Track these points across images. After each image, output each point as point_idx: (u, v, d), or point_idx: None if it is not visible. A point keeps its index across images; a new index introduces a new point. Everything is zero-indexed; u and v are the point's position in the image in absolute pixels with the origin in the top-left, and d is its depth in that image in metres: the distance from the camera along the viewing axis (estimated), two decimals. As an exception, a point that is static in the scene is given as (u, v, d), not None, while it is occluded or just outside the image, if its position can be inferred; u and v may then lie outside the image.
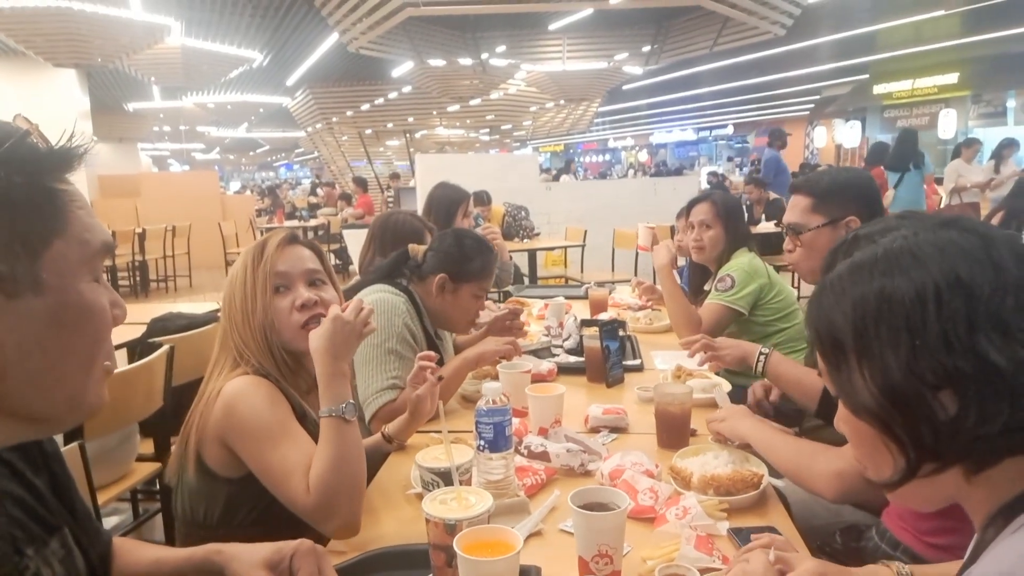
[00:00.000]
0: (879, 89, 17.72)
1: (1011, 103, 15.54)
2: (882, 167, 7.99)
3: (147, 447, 2.65)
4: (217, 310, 3.15)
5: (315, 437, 1.33)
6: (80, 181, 0.74)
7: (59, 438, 1.96)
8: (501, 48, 11.85)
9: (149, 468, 2.56)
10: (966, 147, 8.79)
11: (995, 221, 5.16)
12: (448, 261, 2.11)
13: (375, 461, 1.45)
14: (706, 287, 2.86)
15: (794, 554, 1.05)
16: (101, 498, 2.22)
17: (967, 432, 0.65)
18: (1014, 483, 0.67)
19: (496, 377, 2.03)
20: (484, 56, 11.87)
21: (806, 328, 0.80)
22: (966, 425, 0.65)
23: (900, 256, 0.70)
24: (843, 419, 0.77)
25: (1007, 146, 8.65)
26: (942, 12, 10.85)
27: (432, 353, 1.61)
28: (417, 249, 2.18)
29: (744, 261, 2.70)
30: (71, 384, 0.69)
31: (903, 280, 0.68)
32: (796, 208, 1.90)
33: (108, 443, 2.35)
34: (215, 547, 0.95)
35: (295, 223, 11.01)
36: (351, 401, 1.28)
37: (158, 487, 2.78)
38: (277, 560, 0.90)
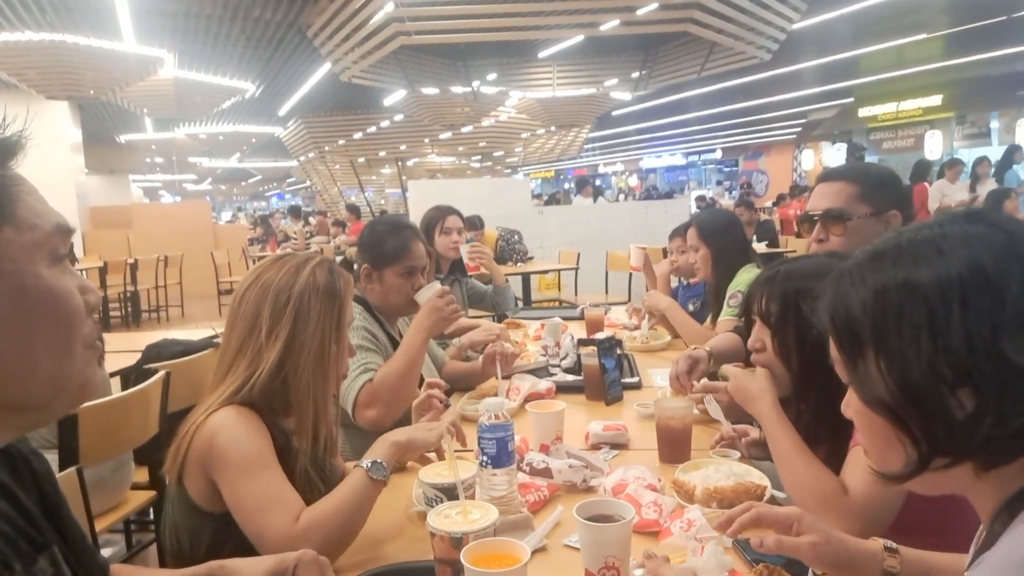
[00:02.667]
0: (864, 112, 17.98)
1: (995, 124, 15.81)
2: (925, 183, 8.18)
3: (141, 475, 2.61)
4: (214, 336, 3.14)
5: (294, 472, 1.33)
6: (71, 213, 0.75)
7: (54, 462, 1.94)
8: (492, 76, 11.99)
9: (144, 496, 2.52)
10: (949, 168, 8.96)
11: None
12: (366, 251, 2.20)
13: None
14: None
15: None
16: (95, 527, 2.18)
17: (983, 432, 0.65)
18: (1021, 477, 0.66)
19: (495, 394, 2.03)
20: (475, 84, 12.01)
21: (821, 315, 0.78)
22: (983, 425, 0.64)
23: (924, 247, 0.69)
24: (854, 408, 0.76)
25: (980, 163, 8.82)
26: (924, 36, 11.07)
27: (440, 381, 1.61)
28: (352, 253, 2.23)
29: (750, 277, 2.72)
30: (47, 369, 0.69)
31: (927, 273, 0.67)
32: (839, 195, 1.79)
33: (102, 471, 2.32)
34: (217, 563, 0.94)
35: (269, 257, 10.99)
36: (383, 464, 1.30)
37: (152, 517, 2.74)
38: (280, 571, 0.89)
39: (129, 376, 2.83)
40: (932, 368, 0.65)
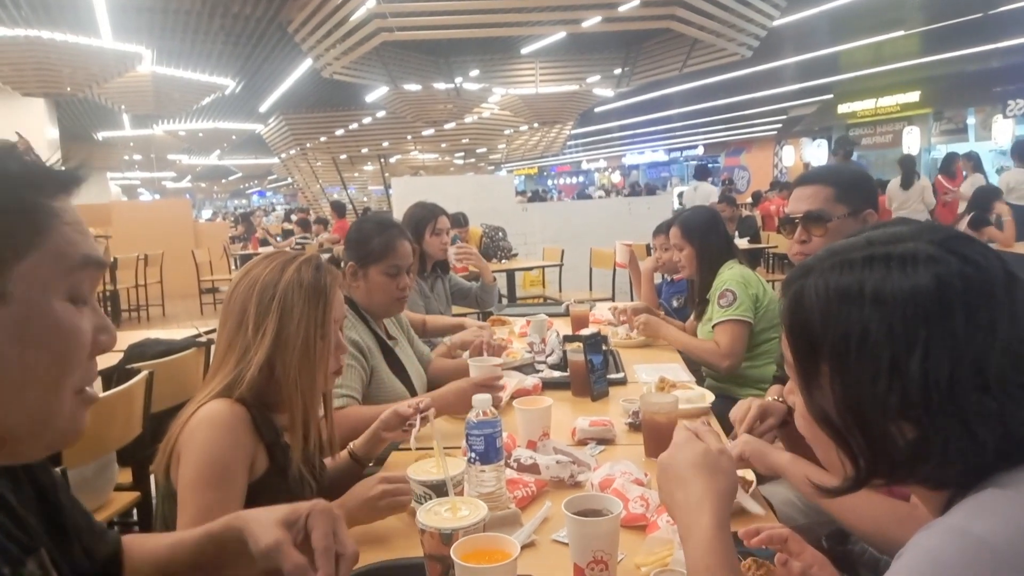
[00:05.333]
0: (843, 108, 18.18)
1: (971, 120, 16.03)
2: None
3: (125, 476, 2.59)
4: (197, 336, 3.12)
5: (287, 469, 1.34)
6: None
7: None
8: (474, 72, 11.98)
9: (128, 498, 2.50)
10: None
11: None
12: (352, 249, 2.20)
13: (346, 482, 1.43)
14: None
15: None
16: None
17: (924, 472, 0.67)
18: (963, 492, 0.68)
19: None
20: (458, 80, 11.99)
21: (782, 315, 0.78)
22: (926, 466, 0.67)
23: (895, 271, 0.68)
24: (803, 417, 0.77)
25: (954, 161, 8.90)
26: (901, 33, 11.21)
27: (414, 404, 1.61)
28: (339, 251, 2.22)
29: (735, 273, 2.75)
30: (32, 404, 0.67)
31: (895, 302, 0.67)
32: (816, 197, 1.84)
33: (85, 472, 2.30)
34: (234, 515, 0.95)
35: (270, 249, 10.93)
36: None
37: (136, 518, 2.72)
38: (293, 519, 0.90)
39: (111, 376, 2.80)
40: (884, 401, 0.67)
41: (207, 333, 3.39)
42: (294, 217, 16.74)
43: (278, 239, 12.90)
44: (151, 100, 11.10)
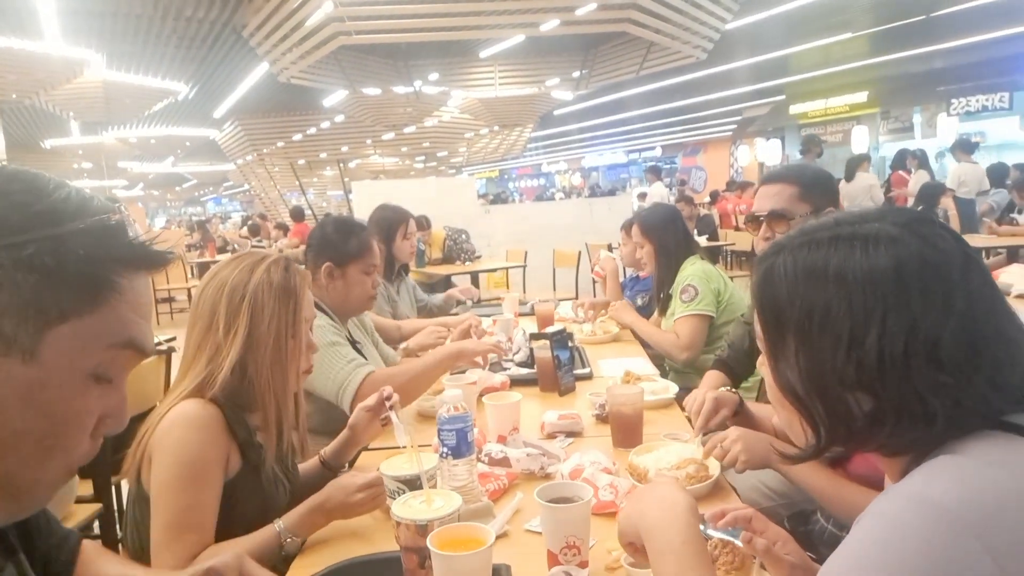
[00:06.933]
0: (795, 109, 18.64)
1: (917, 118, 16.58)
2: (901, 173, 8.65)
3: (85, 488, 2.54)
4: (158, 343, 3.06)
5: (260, 468, 1.35)
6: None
7: None
8: (434, 76, 11.96)
9: (89, 510, 2.45)
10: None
11: None
12: (327, 249, 2.20)
13: (316, 487, 1.43)
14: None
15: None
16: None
17: (879, 439, 0.71)
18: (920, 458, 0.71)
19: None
20: (417, 84, 11.95)
21: (751, 293, 0.82)
22: (880, 434, 0.71)
23: (858, 250, 0.72)
24: (770, 387, 0.82)
25: (906, 157, 9.23)
26: (849, 35, 11.54)
27: (375, 396, 1.62)
28: (297, 255, 2.22)
29: (697, 268, 2.82)
30: (10, 464, 0.63)
31: (855, 278, 0.71)
32: (780, 196, 1.90)
33: (45, 484, 2.24)
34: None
35: (227, 256, 10.74)
36: (298, 540, 1.31)
37: (98, 531, 2.66)
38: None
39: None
40: (842, 373, 0.71)
41: (167, 341, 3.34)
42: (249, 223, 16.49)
43: (235, 247, 12.70)
44: (101, 106, 10.80)
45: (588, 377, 2.39)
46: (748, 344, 2.24)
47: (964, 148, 8.52)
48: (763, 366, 0.83)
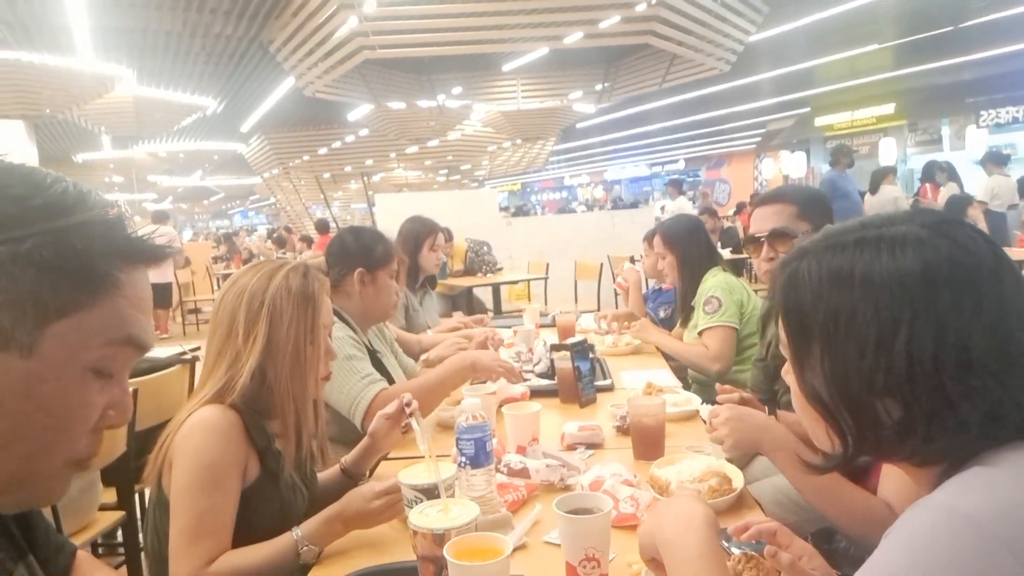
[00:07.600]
0: (820, 121, 18.47)
1: (945, 130, 16.34)
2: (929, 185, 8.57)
3: (109, 496, 2.56)
4: (182, 353, 3.09)
5: (279, 475, 1.34)
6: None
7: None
8: (457, 89, 12.05)
9: (112, 517, 2.47)
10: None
11: None
12: (358, 256, 2.22)
13: (336, 496, 1.43)
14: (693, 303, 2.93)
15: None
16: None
17: (909, 448, 0.69)
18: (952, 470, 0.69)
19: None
20: (440, 98, 12.05)
21: (776, 297, 0.80)
22: (909, 443, 0.68)
23: (885, 253, 0.69)
24: (795, 394, 0.79)
25: (935, 169, 9.09)
26: (875, 46, 11.43)
27: (395, 403, 1.61)
28: (320, 265, 2.22)
29: (720, 280, 2.78)
30: (14, 460, 0.63)
31: (884, 296, 0.68)
32: (781, 215, 1.89)
33: (69, 492, 2.25)
34: None
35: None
36: (315, 549, 1.30)
37: (121, 539, 2.68)
38: None
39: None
40: (870, 379, 0.68)
41: (192, 351, 3.37)
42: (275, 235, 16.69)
43: (261, 259, 12.85)
44: (132, 121, 11.04)
45: (609, 389, 2.37)
46: (767, 387, 2.15)
47: (996, 160, 8.36)
48: (788, 373, 0.81)
